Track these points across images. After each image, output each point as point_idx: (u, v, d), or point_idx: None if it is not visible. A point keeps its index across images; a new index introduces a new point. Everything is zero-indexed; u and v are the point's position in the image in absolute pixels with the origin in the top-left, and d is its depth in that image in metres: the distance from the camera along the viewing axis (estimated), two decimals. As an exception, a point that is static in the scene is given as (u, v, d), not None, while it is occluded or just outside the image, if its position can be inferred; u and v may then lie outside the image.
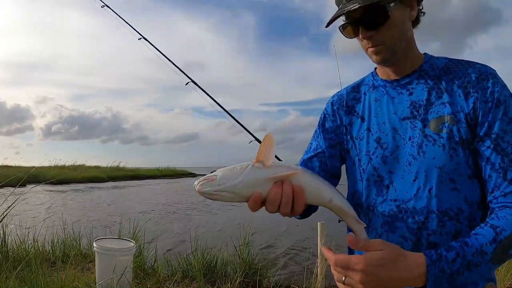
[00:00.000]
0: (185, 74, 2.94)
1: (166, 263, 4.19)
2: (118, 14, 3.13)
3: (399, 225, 0.88)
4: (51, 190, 17.01)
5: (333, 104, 1.08)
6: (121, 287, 2.98)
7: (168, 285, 3.57)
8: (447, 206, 0.85)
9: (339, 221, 1.12)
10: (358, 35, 0.92)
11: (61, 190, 17.38)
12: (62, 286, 2.96)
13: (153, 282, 3.67)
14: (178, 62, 2.98)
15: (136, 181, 26.96)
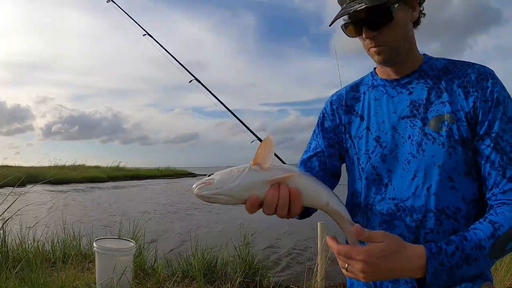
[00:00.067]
0: (189, 72, 2.93)
1: (166, 263, 4.19)
2: (124, 10, 3.10)
3: (397, 224, 0.89)
4: (51, 190, 17.02)
5: (332, 104, 1.08)
6: (121, 287, 2.98)
7: (168, 285, 3.57)
8: (445, 205, 0.85)
9: None
10: (361, 35, 0.92)
11: (61, 190, 17.38)
12: (62, 286, 2.95)
13: (153, 282, 3.67)
14: (180, 61, 2.97)
15: (136, 181, 26.95)
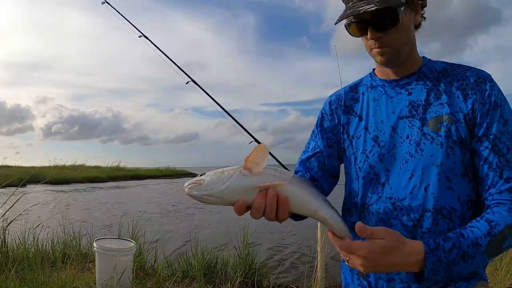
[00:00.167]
0: (185, 73, 2.90)
1: (166, 263, 4.19)
2: (118, 11, 3.08)
3: (394, 223, 0.90)
4: (51, 190, 17.02)
5: (331, 104, 1.09)
6: (121, 287, 2.98)
7: (168, 285, 3.57)
8: (442, 205, 0.87)
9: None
10: (365, 35, 0.93)
11: (61, 190, 17.38)
12: (62, 286, 2.96)
13: (153, 282, 3.67)
14: (179, 62, 2.96)
15: (136, 181, 26.96)
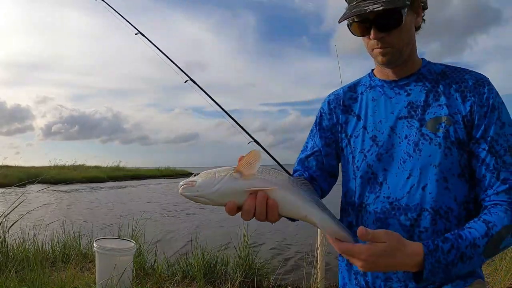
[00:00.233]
0: (184, 72, 2.88)
1: (166, 263, 4.19)
2: (114, 8, 3.02)
3: (392, 222, 0.90)
4: (52, 190, 17.01)
5: (330, 103, 1.10)
6: (121, 287, 2.98)
7: (168, 285, 3.57)
8: (439, 205, 0.88)
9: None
10: (367, 34, 0.93)
11: (62, 190, 17.38)
12: (62, 286, 2.96)
13: (153, 282, 3.67)
14: (179, 62, 2.93)
15: (137, 181, 26.95)
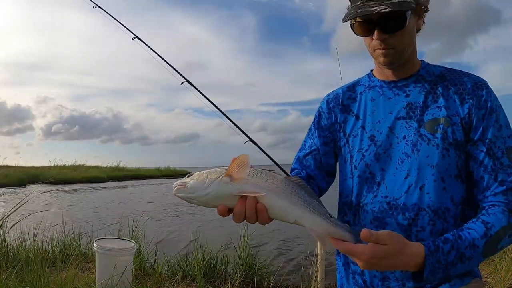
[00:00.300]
0: (180, 74, 2.89)
1: (166, 263, 4.19)
2: (111, 14, 3.04)
3: (389, 222, 0.91)
4: (53, 191, 17.01)
5: (329, 102, 1.10)
6: (121, 287, 2.98)
7: (168, 285, 3.57)
8: (437, 205, 0.88)
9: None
10: (369, 35, 0.94)
11: (61, 190, 17.38)
12: (62, 286, 2.96)
13: (153, 282, 3.67)
14: (179, 62, 2.95)
15: (137, 181, 26.96)
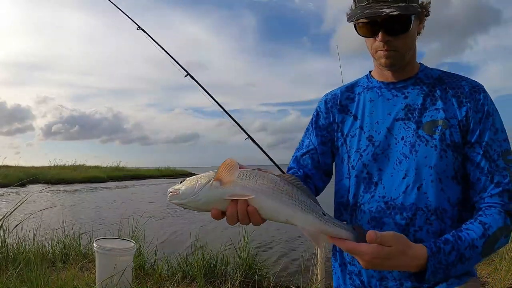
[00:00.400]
0: (182, 67, 2.91)
1: (166, 263, 4.19)
2: (115, 4, 3.05)
3: (387, 221, 0.92)
4: (52, 191, 17.02)
5: (327, 102, 1.11)
6: (121, 287, 2.98)
7: (168, 285, 3.57)
8: (435, 205, 0.89)
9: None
10: (373, 36, 0.94)
11: (62, 190, 17.38)
12: (62, 286, 2.96)
13: (153, 282, 3.67)
14: (179, 61, 2.96)
15: (137, 181, 26.96)
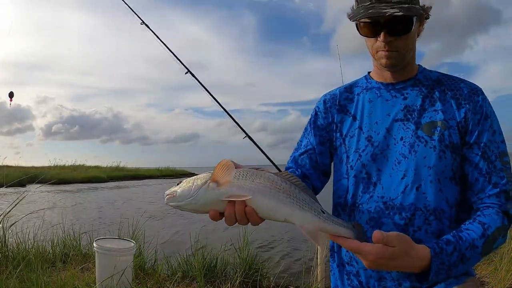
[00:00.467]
0: (183, 64, 2.93)
1: (166, 263, 4.19)
2: None
3: (386, 221, 0.92)
4: (51, 191, 17.02)
5: (326, 102, 1.11)
6: (121, 287, 2.98)
7: (168, 285, 3.57)
8: (434, 205, 0.90)
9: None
10: (375, 36, 0.95)
11: (63, 190, 17.39)
12: (62, 286, 2.96)
13: (153, 282, 3.67)
14: (179, 62, 2.98)
15: (137, 181, 26.96)
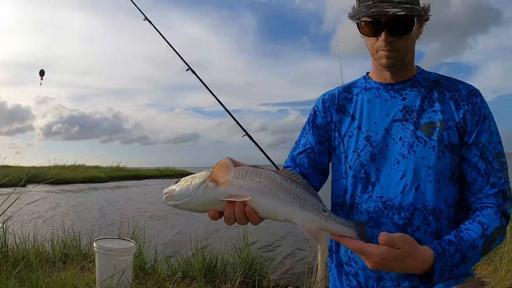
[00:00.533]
0: (184, 61, 2.95)
1: (166, 263, 4.19)
2: None
3: (385, 221, 0.92)
4: (51, 190, 17.02)
5: (324, 102, 1.11)
6: (121, 287, 2.98)
7: (168, 285, 3.57)
8: (433, 205, 0.90)
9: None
10: (376, 35, 0.95)
11: (61, 190, 17.39)
12: (62, 286, 2.96)
13: (153, 282, 3.67)
14: (179, 62, 3.00)
15: (137, 181, 26.96)
